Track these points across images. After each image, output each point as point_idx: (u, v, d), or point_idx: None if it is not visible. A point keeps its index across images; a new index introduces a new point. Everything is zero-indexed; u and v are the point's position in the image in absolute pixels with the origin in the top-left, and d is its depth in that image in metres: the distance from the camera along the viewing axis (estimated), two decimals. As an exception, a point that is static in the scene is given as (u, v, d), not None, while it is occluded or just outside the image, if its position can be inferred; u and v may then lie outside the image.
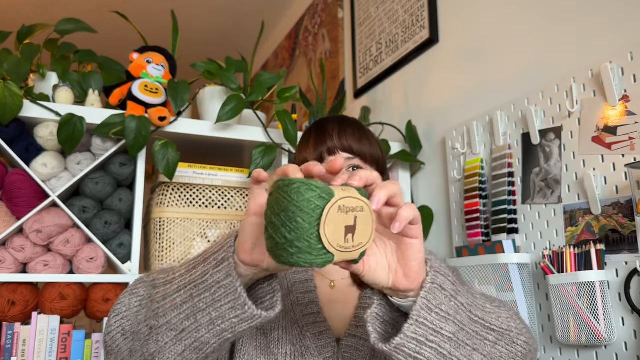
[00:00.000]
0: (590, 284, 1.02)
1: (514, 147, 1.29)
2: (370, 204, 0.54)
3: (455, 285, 0.62)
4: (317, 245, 0.50)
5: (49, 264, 1.31)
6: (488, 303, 0.69)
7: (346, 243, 0.52)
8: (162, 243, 1.41)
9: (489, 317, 0.67)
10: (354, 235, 0.52)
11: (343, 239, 0.51)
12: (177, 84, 1.43)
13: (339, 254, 0.52)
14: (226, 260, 0.61)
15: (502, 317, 0.69)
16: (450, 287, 0.61)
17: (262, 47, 3.43)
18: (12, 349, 1.25)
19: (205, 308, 0.62)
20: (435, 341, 0.59)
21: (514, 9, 1.37)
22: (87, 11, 2.94)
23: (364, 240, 0.53)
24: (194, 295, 0.63)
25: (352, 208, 0.52)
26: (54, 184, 1.34)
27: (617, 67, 1.05)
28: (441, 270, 0.61)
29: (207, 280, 0.62)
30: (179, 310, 0.64)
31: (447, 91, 1.61)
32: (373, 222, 0.54)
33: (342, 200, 0.51)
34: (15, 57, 1.37)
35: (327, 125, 0.91)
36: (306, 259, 0.50)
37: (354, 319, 0.86)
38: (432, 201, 1.63)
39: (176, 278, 0.66)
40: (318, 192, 0.50)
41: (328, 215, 0.49)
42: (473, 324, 0.64)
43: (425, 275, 0.61)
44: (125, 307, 0.71)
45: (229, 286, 0.60)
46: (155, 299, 0.68)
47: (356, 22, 2.20)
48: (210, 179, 1.48)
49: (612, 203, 1.04)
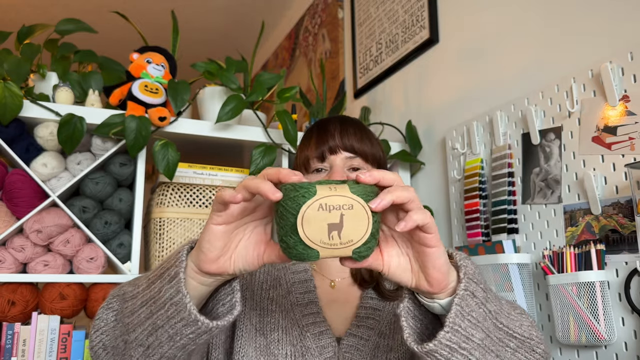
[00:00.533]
0: (590, 284, 1.02)
1: (514, 147, 1.29)
2: (364, 203, 0.54)
3: (485, 293, 0.63)
4: (302, 243, 0.53)
5: (49, 264, 1.31)
6: (512, 310, 0.70)
7: (331, 240, 0.53)
8: (162, 243, 1.41)
9: (513, 325, 0.67)
10: (341, 232, 0.53)
11: (327, 236, 0.53)
12: (177, 84, 1.43)
13: (325, 251, 0.53)
14: (176, 276, 0.61)
15: (524, 325, 0.69)
16: (481, 294, 0.61)
17: (262, 47, 3.42)
18: (12, 349, 1.25)
19: (162, 325, 0.62)
20: (466, 348, 0.60)
21: (514, 9, 1.37)
22: (87, 11, 2.94)
23: (355, 238, 0.54)
24: (153, 312, 0.63)
25: (336, 206, 0.53)
26: (54, 184, 1.34)
27: (617, 67, 1.05)
28: (474, 278, 0.61)
29: (161, 297, 0.62)
30: (143, 327, 0.65)
31: (447, 91, 1.61)
32: (369, 220, 0.54)
33: (325, 199, 0.53)
34: (16, 57, 1.37)
35: (328, 124, 0.91)
36: (294, 254, 0.54)
37: (355, 318, 0.86)
38: (432, 201, 1.63)
39: (139, 292, 0.67)
40: (302, 192, 0.53)
41: (305, 213, 0.53)
42: (498, 330, 0.64)
43: (458, 281, 0.61)
44: (103, 322, 0.72)
45: (179, 303, 0.60)
46: (125, 313, 0.68)
47: (356, 22, 2.20)
48: (210, 179, 1.48)
49: (612, 203, 1.04)
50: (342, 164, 0.88)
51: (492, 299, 0.64)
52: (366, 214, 0.54)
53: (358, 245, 0.54)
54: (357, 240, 0.54)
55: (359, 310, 0.86)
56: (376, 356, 0.81)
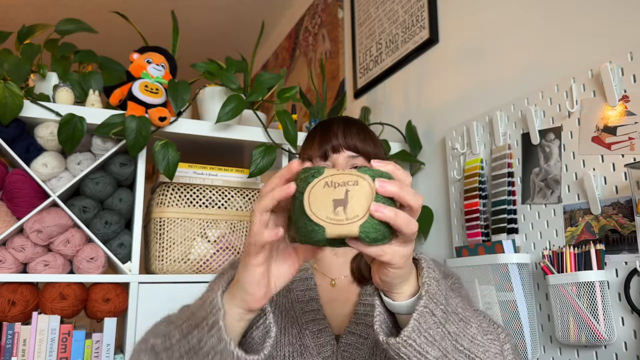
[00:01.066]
0: (590, 284, 1.02)
1: (514, 147, 1.29)
2: (369, 179, 0.55)
3: (446, 314, 0.63)
4: (309, 220, 0.54)
5: (49, 264, 1.31)
6: (482, 335, 0.69)
7: (336, 215, 0.54)
8: (163, 243, 1.41)
9: (476, 350, 0.66)
10: (346, 207, 0.54)
11: (332, 211, 0.54)
12: (177, 84, 1.43)
13: (331, 227, 0.53)
14: (215, 324, 0.62)
15: (490, 352, 0.68)
16: (440, 314, 0.62)
17: (262, 47, 3.43)
18: (12, 349, 1.25)
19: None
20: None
21: (514, 9, 1.37)
22: (87, 11, 2.94)
23: (360, 212, 0.54)
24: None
25: (342, 183, 0.54)
26: (54, 184, 1.34)
27: (616, 67, 1.05)
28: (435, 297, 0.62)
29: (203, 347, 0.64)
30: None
31: (447, 91, 1.61)
32: (374, 195, 0.55)
33: (330, 177, 0.55)
34: (16, 57, 1.37)
35: (332, 124, 0.92)
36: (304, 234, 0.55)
37: (354, 315, 0.86)
38: (432, 201, 1.63)
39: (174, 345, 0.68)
40: (311, 172, 0.56)
41: (312, 190, 0.54)
42: (457, 352, 0.64)
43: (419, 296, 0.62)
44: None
45: (224, 351, 0.62)
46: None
47: (356, 23, 2.20)
48: (211, 179, 1.48)
49: (612, 203, 1.04)
50: (345, 162, 0.89)
51: (454, 320, 0.65)
52: (371, 190, 0.54)
53: (364, 221, 0.54)
54: (362, 215, 0.54)
55: (358, 308, 0.86)
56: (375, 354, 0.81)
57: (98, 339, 1.32)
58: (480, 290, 1.24)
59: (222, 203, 1.48)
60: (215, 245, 1.45)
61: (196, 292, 0.77)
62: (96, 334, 1.32)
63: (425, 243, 1.63)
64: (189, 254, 1.43)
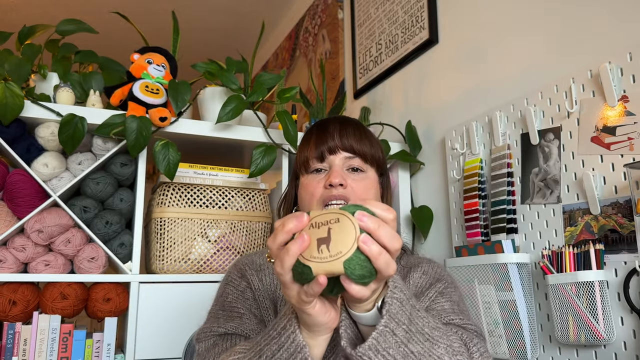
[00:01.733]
0: (589, 284, 1.03)
1: (513, 147, 1.29)
2: (350, 215, 0.55)
3: (409, 333, 0.62)
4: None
5: (50, 264, 1.31)
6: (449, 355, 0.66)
7: (320, 253, 0.55)
8: (163, 243, 1.42)
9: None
10: (329, 245, 0.55)
11: (316, 250, 0.55)
12: (177, 84, 1.43)
13: (316, 265, 0.54)
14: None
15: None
16: (402, 334, 0.61)
17: (262, 48, 3.43)
18: (13, 349, 1.25)
19: None
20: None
21: (513, 10, 1.37)
22: (88, 12, 2.95)
23: (343, 249, 0.54)
24: None
25: (324, 222, 0.56)
26: (55, 184, 1.34)
27: (616, 68, 1.05)
28: (396, 317, 0.61)
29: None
30: None
31: (447, 91, 1.61)
32: (356, 230, 0.55)
33: (315, 218, 0.57)
34: (16, 58, 1.37)
35: (328, 125, 0.92)
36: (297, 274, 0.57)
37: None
38: (431, 201, 1.63)
39: None
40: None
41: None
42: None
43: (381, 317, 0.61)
44: None
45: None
46: None
47: (356, 23, 2.20)
48: (211, 179, 1.48)
49: (611, 203, 1.04)
50: (341, 163, 0.89)
51: (419, 340, 0.63)
52: (352, 225, 0.55)
53: (348, 257, 0.54)
54: (346, 251, 0.54)
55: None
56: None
57: (99, 338, 1.32)
58: (479, 290, 1.25)
59: (222, 203, 1.48)
60: (215, 245, 1.46)
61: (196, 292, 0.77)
62: (97, 334, 1.33)
63: (425, 243, 1.63)
64: (189, 253, 1.43)
